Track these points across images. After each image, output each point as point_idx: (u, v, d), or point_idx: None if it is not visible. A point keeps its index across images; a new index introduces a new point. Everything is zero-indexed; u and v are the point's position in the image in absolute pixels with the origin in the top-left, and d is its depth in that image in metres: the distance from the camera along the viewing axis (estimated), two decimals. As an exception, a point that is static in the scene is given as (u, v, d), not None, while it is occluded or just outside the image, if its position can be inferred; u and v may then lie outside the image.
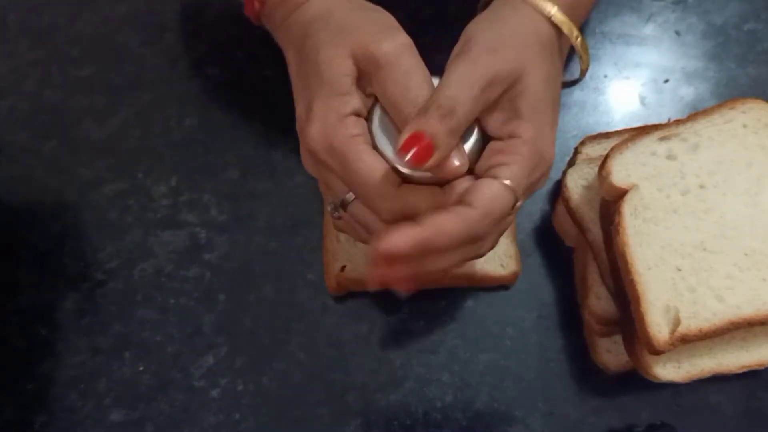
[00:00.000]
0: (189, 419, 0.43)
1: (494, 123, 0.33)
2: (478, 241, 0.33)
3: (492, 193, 0.31)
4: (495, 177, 0.32)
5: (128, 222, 0.48)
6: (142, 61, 0.52)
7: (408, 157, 0.30)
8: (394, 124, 0.33)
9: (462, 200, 0.32)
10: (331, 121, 0.32)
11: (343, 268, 0.44)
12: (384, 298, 0.45)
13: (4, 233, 0.48)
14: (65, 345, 0.45)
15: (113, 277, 0.46)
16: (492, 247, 0.35)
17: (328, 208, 0.36)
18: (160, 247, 0.47)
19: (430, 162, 0.30)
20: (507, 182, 0.32)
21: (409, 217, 0.31)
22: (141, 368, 0.44)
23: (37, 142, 0.50)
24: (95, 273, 0.46)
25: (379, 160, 0.32)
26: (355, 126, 0.32)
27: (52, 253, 0.47)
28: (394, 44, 0.32)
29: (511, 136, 0.33)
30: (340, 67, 0.32)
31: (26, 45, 0.53)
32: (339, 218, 0.36)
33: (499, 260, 0.44)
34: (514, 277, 0.45)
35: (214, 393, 0.44)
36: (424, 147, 0.30)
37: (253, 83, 0.51)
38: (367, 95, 0.34)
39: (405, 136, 0.30)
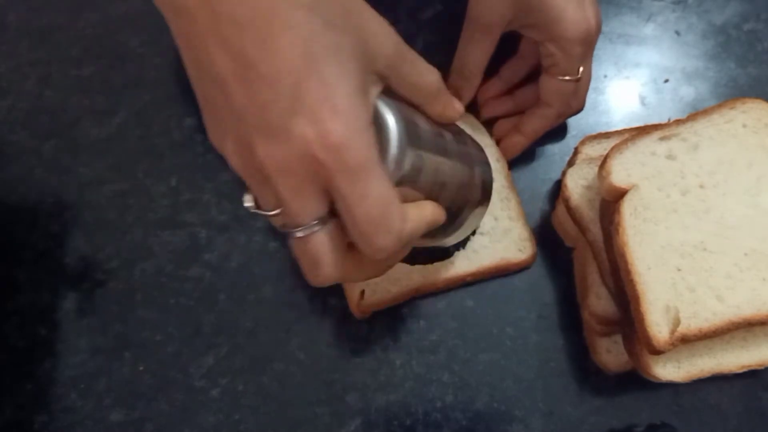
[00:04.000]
0: (189, 419, 0.43)
1: (531, 34, 0.42)
2: None
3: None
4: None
5: (128, 222, 0.48)
6: (142, 61, 0.52)
7: None
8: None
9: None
10: (363, 125, 0.26)
11: (362, 293, 0.44)
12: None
13: (3, 233, 0.48)
14: (65, 345, 0.45)
15: (113, 277, 0.46)
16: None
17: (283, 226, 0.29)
18: (160, 247, 0.47)
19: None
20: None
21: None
22: (141, 368, 0.44)
23: (36, 142, 0.50)
24: (95, 273, 0.46)
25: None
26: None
27: (52, 253, 0.47)
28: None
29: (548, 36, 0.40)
30: (364, 68, 0.27)
31: (26, 45, 0.53)
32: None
33: (516, 246, 0.46)
34: (533, 258, 0.46)
35: (214, 393, 0.44)
36: None
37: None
38: None
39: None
